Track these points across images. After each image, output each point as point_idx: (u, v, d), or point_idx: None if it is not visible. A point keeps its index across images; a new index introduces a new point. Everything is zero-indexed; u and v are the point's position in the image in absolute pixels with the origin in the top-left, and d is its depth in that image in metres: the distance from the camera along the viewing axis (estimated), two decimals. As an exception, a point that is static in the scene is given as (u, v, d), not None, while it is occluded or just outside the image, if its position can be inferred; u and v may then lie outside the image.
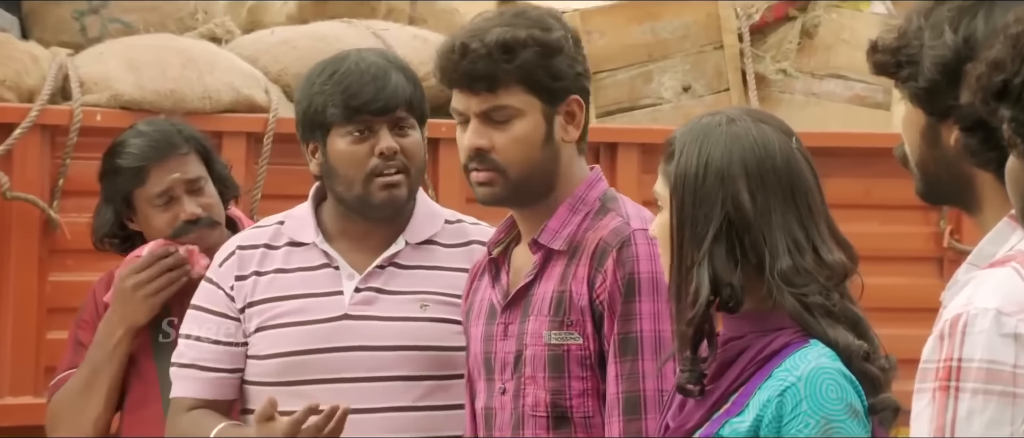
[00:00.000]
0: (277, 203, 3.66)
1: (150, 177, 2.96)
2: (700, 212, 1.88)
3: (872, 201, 3.93)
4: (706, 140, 1.91)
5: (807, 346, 1.87)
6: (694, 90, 4.10)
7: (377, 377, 2.46)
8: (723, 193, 1.88)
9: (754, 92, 4.11)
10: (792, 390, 1.83)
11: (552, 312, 2.19)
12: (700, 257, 1.87)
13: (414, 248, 2.53)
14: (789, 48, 4.19)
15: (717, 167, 1.89)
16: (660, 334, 2.12)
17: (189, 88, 3.61)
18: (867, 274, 2.01)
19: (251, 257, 2.54)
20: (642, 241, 2.14)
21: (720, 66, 4.11)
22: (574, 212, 2.23)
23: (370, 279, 2.50)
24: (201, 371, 2.55)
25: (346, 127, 2.47)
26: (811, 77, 4.23)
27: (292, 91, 3.86)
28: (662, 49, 4.07)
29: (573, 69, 2.24)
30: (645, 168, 3.75)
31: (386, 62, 2.51)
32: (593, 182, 2.27)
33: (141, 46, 3.69)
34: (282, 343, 2.49)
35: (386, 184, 2.47)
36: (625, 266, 2.13)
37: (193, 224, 2.94)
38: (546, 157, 2.23)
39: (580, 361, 2.16)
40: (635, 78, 4.08)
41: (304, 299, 2.49)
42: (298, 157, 3.87)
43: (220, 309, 2.55)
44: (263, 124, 3.65)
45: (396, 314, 2.48)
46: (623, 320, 2.13)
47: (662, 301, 2.11)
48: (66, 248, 3.49)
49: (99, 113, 3.53)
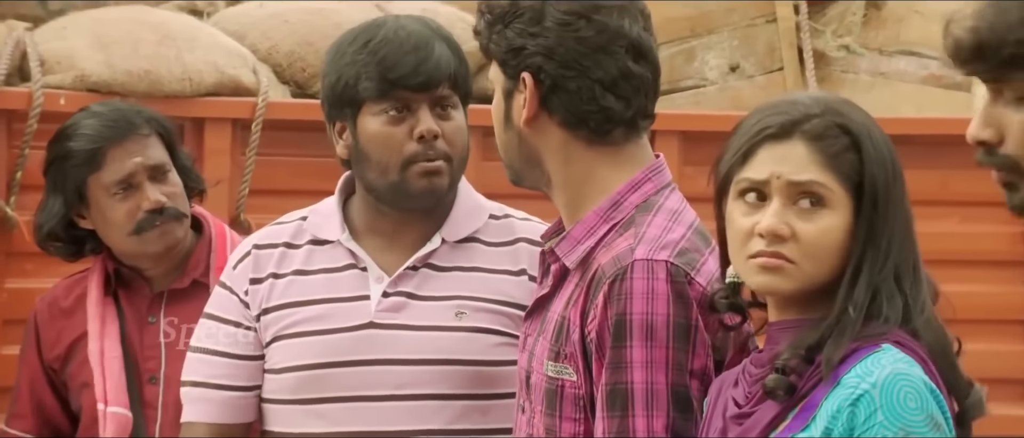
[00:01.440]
0: (266, 199, 3.66)
1: (107, 161, 2.89)
2: (892, 220, 1.87)
3: (950, 196, 3.89)
4: (876, 128, 1.90)
5: (879, 351, 1.84)
6: (743, 70, 4.06)
7: (404, 395, 2.40)
8: (905, 197, 1.90)
9: (812, 72, 4.07)
10: (866, 398, 1.81)
11: (553, 338, 2.11)
12: (884, 276, 1.86)
13: (453, 247, 2.47)
14: (853, 21, 4.15)
15: (900, 166, 1.89)
16: (654, 387, 2.00)
17: (166, 68, 3.59)
18: (944, 281, 1.98)
19: (268, 258, 2.49)
20: (640, 275, 2.02)
21: (773, 42, 4.07)
22: (605, 220, 2.12)
23: (400, 282, 2.44)
24: (214, 390, 2.49)
25: (381, 104, 2.41)
26: (879, 54, 4.19)
27: (283, 71, 3.87)
28: (706, 23, 4.03)
29: (518, 42, 2.12)
30: (687, 159, 3.70)
31: (429, 30, 2.45)
32: (638, 183, 2.13)
33: (111, 20, 3.66)
34: (299, 355, 2.43)
35: (425, 171, 2.41)
36: (616, 304, 2.01)
37: (157, 214, 2.88)
38: (512, 140, 2.17)
39: (574, 401, 2.08)
40: (675, 56, 4.04)
41: (326, 305, 2.44)
42: (291, 146, 3.92)
43: (234, 317, 2.49)
44: (251, 109, 3.62)
45: (428, 323, 2.42)
46: (611, 368, 2.02)
47: (658, 348, 2.00)
48: (25, 251, 3.44)
49: (63, 96, 3.50)
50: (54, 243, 2.96)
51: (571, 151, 2.13)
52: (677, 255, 2.03)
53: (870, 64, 4.18)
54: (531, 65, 2.11)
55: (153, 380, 2.88)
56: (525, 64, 2.11)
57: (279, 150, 3.68)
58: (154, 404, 2.87)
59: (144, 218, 2.87)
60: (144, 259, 2.93)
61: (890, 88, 4.19)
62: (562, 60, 2.10)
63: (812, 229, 1.87)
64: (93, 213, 2.92)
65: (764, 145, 1.89)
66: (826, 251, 1.87)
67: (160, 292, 2.94)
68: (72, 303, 2.96)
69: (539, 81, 2.11)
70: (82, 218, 2.94)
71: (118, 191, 2.88)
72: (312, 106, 3.87)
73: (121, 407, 2.84)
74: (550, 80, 2.11)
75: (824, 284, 1.89)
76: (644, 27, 2.14)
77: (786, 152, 1.88)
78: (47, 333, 2.96)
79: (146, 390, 2.89)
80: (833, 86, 4.10)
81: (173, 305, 2.91)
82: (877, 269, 1.87)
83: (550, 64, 2.10)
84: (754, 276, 1.89)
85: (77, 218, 2.94)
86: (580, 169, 2.13)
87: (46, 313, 2.97)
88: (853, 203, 1.88)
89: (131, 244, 2.90)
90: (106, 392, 2.85)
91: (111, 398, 2.85)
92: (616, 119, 2.11)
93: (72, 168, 2.90)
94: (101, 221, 2.92)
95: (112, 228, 2.90)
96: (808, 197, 1.88)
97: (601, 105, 2.10)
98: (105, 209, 2.90)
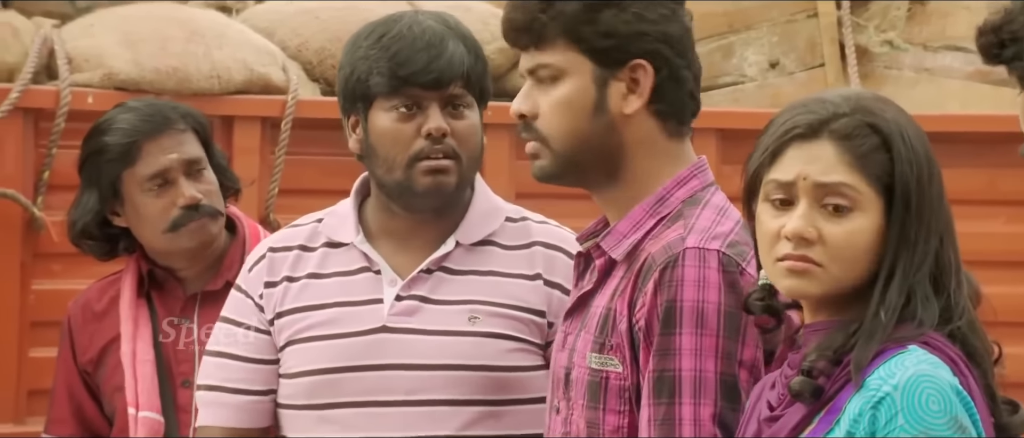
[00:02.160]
0: (296, 199, 3.66)
1: (141, 155, 2.89)
2: (927, 221, 1.84)
3: (997, 195, 3.85)
4: (911, 126, 1.87)
5: (904, 352, 1.83)
6: (783, 66, 4.04)
7: (417, 400, 2.40)
8: (944, 197, 1.87)
9: (854, 68, 4.04)
10: (887, 401, 1.79)
11: (597, 331, 2.11)
12: (919, 279, 1.83)
13: (468, 249, 2.47)
14: (897, 15, 4.13)
15: (937, 163, 1.86)
16: (702, 375, 2.01)
17: (194, 66, 3.59)
18: (989, 282, 1.96)
19: (283, 260, 2.50)
20: (692, 262, 2.03)
21: (814, 37, 4.06)
22: (651, 215, 2.12)
23: (414, 286, 2.44)
24: (229, 395, 2.49)
25: (391, 100, 2.41)
26: (923, 50, 4.16)
27: (313, 68, 3.87)
28: (745, 18, 4.02)
29: (633, 27, 2.13)
30: (725, 158, 3.67)
31: (445, 28, 2.44)
32: (685, 179, 2.14)
33: (139, 17, 3.67)
34: (311, 359, 2.44)
35: (431, 169, 2.41)
36: (666, 291, 2.02)
37: (193, 211, 2.88)
38: (596, 131, 2.14)
39: (618, 392, 2.08)
40: (713, 52, 4.03)
41: (339, 308, 2.44)
42: (321, 145, 3.92)
43: (249, 321, 2.49)
44: (280, 107, 3.63)
45: (440, 327, 2.42)
46: (659, 355, 2.03)
47: (708, 335, 2.00)
48: (52, 251, 3.46)
49: (90, 94, 3.51)
50: (87, 241, 2.95)
51: (655, 144, 2.13)
52: (728, 246, 2.03)
53: (914, 60, 4.16)
54: (650, 51, 2.09)
55: (187, 384, 2.88)
56: (641, 50, 2.10)
57: (309, 149, 3.68)
58: (188, 408, 2.86)
59: (179, 215, 2.87)
60: (178, 257, 2.92)
61: (935, 85, 4.16)
62: (678, 48, 2.10)
63: (840, 231, 1.85)
64: (127, 210, 2.91)
65: (792, 145, 1.87)
66: (855, 253, 1.85)
67: (194, 294, 2.93)
68: (105, 305, 2.96)
69: (656, 69, 2.10)
70: (116, 215, 2.93)
71: (152, 187, 2.88)
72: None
73: (153, 411, 2.84)
74: (667, 69, 2.10)
75: (856, 286, 1.87)
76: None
77: (814, 152, 1.86)
78: (80, 337, 2.95)
79: (180, 394, 2.89)
80: (876, 83, 4.08)
81: (207, 307, 2.90)
82: (912, 271, 1.84)
83: (669, 51, 2.10)
84: (782, 279, 1.88)
85: (111, 216, 2.93)
86: (657, 164, 2.13)
87: (79, 317, 2.96)
88: (884, 204, 1.85)
89: (165, 241, 2.89)
90: (137, 396, 2.85)
91: (143, 402, 2.85)
92: (695, 112, 2.15)
93: (106, 163, 2.90)
94: (135, 217, 2.91)
95: (146, 225, 2.89)
96: (835, 199, 1.85)
97: (694, 97, 2.14)
98: (139, 205, 2.89)
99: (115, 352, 2.91)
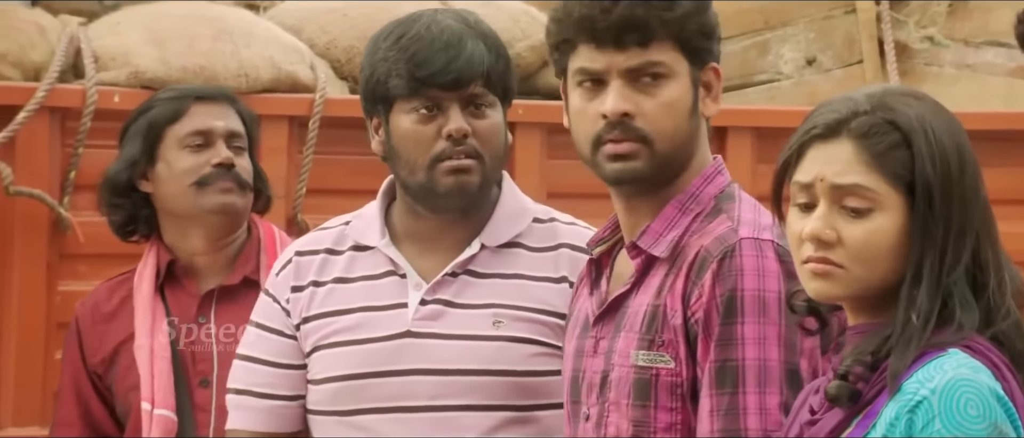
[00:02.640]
0: (324, 199, 3.66)
1: (188, 114, 2.96)
2: (960, 219, 1.82)
3: (1041, 195, 3.82)
4: (938, 120, 1.84)
5: (944, 355, 1.81)
6: (820, 63, 4.02)
7: (441, 406, 2.41)
8: (981, 192, 1.84)
9: (893, 65, 4.02)
10: (924, 405, 1.78)
11: (643, 329, 2.11)
12: (954, 278, 1.80)
13: (494, 252, 2.47)
14: (937, 11, 4.10)
15: (971, 160, 1.83)
16: (766, 364, 2.03)
17: (222, 64, 3.59)
18: None
19: (309, 265, 2.51)
20: (749, 252, 2.06)
21: (852, 34, 4.03)
22: (684, 212, 2.16)
23: (438, 289, 2.45)
24: (257, 399, 2.51)
25: (411, 102, 2.42)
26: (965, 45, 4.13)
27: (342, 67, 3.86)
28: (781, 14, 4.00)
29: (717, 31, 2.19)
30: (760, 156, 3.65)
31: (464, 27, 2.45)
32: (710, 176, 2.19)
33: (165, 15, 3.67)
34: (337, 365, 2.45)
35: (453, 169, 2.41)
36: (726, 281, 2.05)
37: (225, 170, 2.91)
38: (690, 132, 2.18)
39: (670, 389, 2.09)
40: (748, 49, 4.01)
41: (364, 313, 2.45)
42: (350, 145, 3.91)
43: (276, 325, 2.50)
44: (308, 106, 3.62)
45: (464, 331, 2.42)
46: (721, 345, 2.05)
47: (770, 324, 2.03)
48: (79, 252, 3.46)
49: (117, 93, 3.51)
50: (113, 199, 2.97)
51: (703, 145, 2.20)
52: (779, 236, 2.05)
53: (955, 56, 4.13)
54: (717, 54, 2.18)
55: (205, 383, 2.89)
56: (716, 52, 2.18)
57: (337, 148, 3.68)
58: (206, 407, 2.87)
59: (210, 172, 2.90)
60: (198, 229, 2.92)
61: (977, 81, 4.13)
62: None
63: (859, 232, 1.83)
64: (158, 171, 2.94)
65: (812, 146, 1.86)
66: (876, 254, 1.83)
67: (210, 291, 2.93)
68: (115, 306, 2.97)
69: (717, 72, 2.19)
70: (144, 179, 2.96)
71: (191, 143, 2.93)
72: (372, 103, 3.90)
73: (168, 409, 2.85)
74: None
75: (887, 287, 1.85)
76: None
77: (833, 153, 1.84)
78: (90, 338, 2.96)
79: (197, 393, 2.89)
80: (916, 80, 4.05)
81: (224, 304, 2.91)
82: (942, 271, 1.81)
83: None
84: (808, 282, 1.87)
85: (140, 180, 2.96)
86: (697, 163, 2.18)
87: (89, 318, 2.97)
88: (907, 202, 1.83)
89: (190, 198, 2.91)
90: (153, 392, 2.86)
91: (158, 399, 2.86)
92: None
93: (152, 118, 2.95)
94: (165, 173, 2.93)
95: (173, 181, 2.91)
96: (853, 201, 1.83)
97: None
98: (173, 161, 2.93)
99: (128, 351, 2.92)
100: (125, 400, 2.91)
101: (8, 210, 3.46)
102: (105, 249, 3.16)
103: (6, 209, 3.46)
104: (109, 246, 3.13)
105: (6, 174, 3.42)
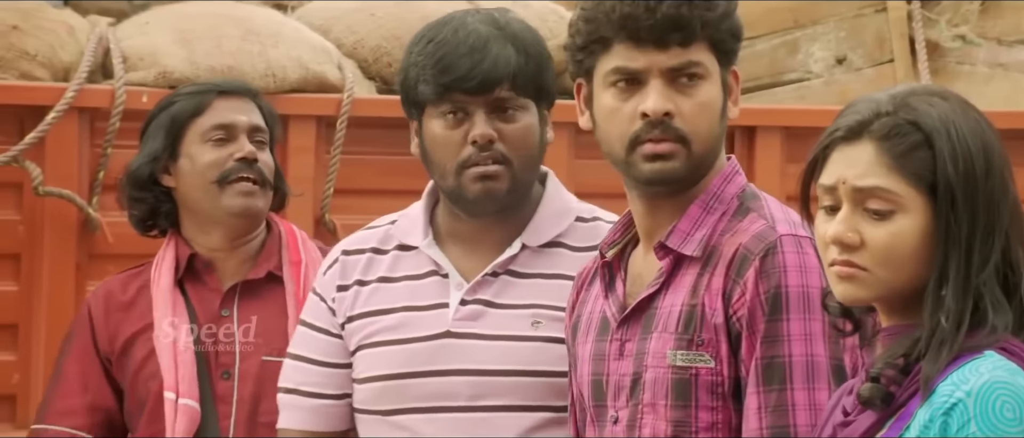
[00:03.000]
0: (351, 199, 3.67)
1: (211, 108, 2.95)
2: (986, 219, 1.81)
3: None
4: (963, 119, 1.83)
5: (979, 357, 1.80)
6: (850, 62, 4.01)
7: (480, 406, 2.42)
8: (1010, 191, 1.82)
9: (924, 64, 4.00)
10: (959, 408, 1.77)
11: (680, 329, 2.12)
12: (983, 279, 1.80)
13: (535, 252, 2.48)
14: (970, 9, 4.08)
15: (1000, 160, 1.82)
16: (813, 359, 2.04)
17: (249, 64, 3.61)
18: None
19: (355, 264, 2.53)
20: (791, 248, 2.08)
21: (882, 32, 4.01)
22: (708, 211, 2.17)
23: (479, 289, 2.46)
24: (305, 398, 2.54)
25: (439, 107, 2.44)
26: (997, 44, 4.11)
27: (369, 66, 3.87)
28: (810, 13, 3.98)
29: (743, 33, 2.22)
30: (790, 156, 3.65)
31: (492, 30, 2.45)
32: (729, 176, 2.21)
33: (193, 14, 3.69)
34: (379, 364, 2.47)
35: (480, 175, 2.43)
36: (770, 278, 2.07)
37: (247, 166, 2.92)
38: (720, 134, 2.20)
39: (710, 388, 2.10)
40: (778, 48, 4.00)
41: (406, 313, 2.47)
42: (377, 145, 3.92)
43: (323, 324, 2.53)
44: (336, 106, 3.63)
45: (503, 332, 2.44)
46: (767, 342, 2.06)
47: (815, 320, 2.04)
48: (107, 252, 3.49)
49: (145, 93, 3.53)
50: (135, 193, 2.97)
51: (722, 146, 2.22)
52: (812, 234, 2.04)
53: (988, 55, 4.11)
54: (736, 59, 2.19)
55: (226, 375, 2.89)
56: (736, 57, 2.19)
57: (365, 148, 3.69)
58: (227, 400, 2.89)
59: (232, 166, 2.91)
60: (217, 227, 2.93)
61: (1010, 80, 4.11)
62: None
63: (882, 235, 1.82)
64: (180, 165, 2.95)
65: (836, 148, 1.86)
66: (900, 256, 1.82)
67: (233, 286, 2.94)
68: (131, 297, 2.97)
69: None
70: (167, 173, 2.97)
71: (214, 137, 2.93)
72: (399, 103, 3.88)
73: (192, 400, 2.86)
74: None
75: (917, 289, 1.84)
76: None
77: (855, 155, 1.84)
78: (103, 327, 2.96)
79: (219, 386, 2.90)
80: (948, 79, 4.03)
81: (247, 298, 2.92)
82: (970, 273, 1.81)
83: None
84: (835, 285, 1.87)
85: (162, 174, 2.96)
86: (721, 163, 2.20)
87: (102, 306, 2.97)
88: (930, 203, 1.82)
89: (210, 197, 2.92)
90: (177, 382, 2.87)
91: (183, 389, 2.87)
92: None
93: (175, 112, 2.96)
94: (188, 168, 2.94)
95: (196, 177, 2.92)
96: (874, 203, 1.83)
97: None
98: (195, 155, 2.93)
99: (146, 341, 2.92)
100: (144, 388, 2.91)
101: (38, 210, 3.49)
102: (134, 249, 3.16)
103: (36, 209, 3.49)
104: (137, 246, 3.14)
105: (36, 175, 3.45)
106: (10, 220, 3.52)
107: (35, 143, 3.45)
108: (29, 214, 3.51)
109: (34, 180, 3.45)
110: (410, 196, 3.37)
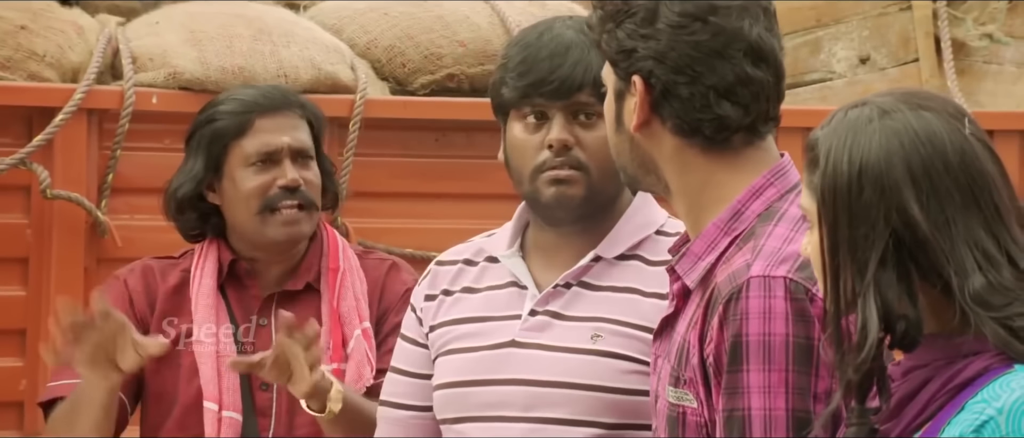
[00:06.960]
0: (364, 202, 3.71)
1: (253, 130, 2.95)
2: (858, 232, 1.82)
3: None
4: (856, 140, 1.83)
5: (1011, 372, 1.81)
6: (874, 61, 4.03)
7: (533, 417, 2.46)
8: (886, 206, 1.81)
9: (950, 63, 4.01)
10: (991, 425, 1.78)
11: (674, 362, 2.10)
12: (863, 287, 1.81)
13: (610, 264, 2.50)
14: (997, 8, 4.09)
15: (875, 174, 1.81)
16: (771, 413, 1.99)
17: (261, 64, 3.64)
18: None
19: (445, 274, 2.60)
20: (756, 293, 2.00)
21: (907, 31, 4.03)
22: (726, 233, 2.09)
23: (549, 300, 2.50)
24: (395, 409, 2.61)
25: (521, 110, 2.51)
26: (1025, 43, 4.14)
27: (382, 67, 3.90)
28: (833, 12, 4.00)
29: (626, 44, 2.11)
30: (813, 158, 3.68)
31: (578, 36, 2.48)
32: (760, 189, 2.11)
33: (204, 14, 3.72)
34: (448, 372, 2.53)
35: (553, 179, 2.47)
36: (731, 325, 2.00)
37: (290, 194, 2.94)
38: (617, 144, 2.17)
39: (696, 429, 2.07)
40: (799, 47, 4.01)
41: (482, 323, 2.53)
42: (390, 146, 3.95)
43: (412, 335, 2.60)
44: (349, 107, 3.67)
45: (564, 344, 2.47)
46: (727, 394, 2.01)
47: (776, 370, 1.98)
48: (116, 256, 3.51)
49: (155, 94, 3.57)
50: (182, 214, 2.98)
51: (686, 158, 2.12)
52: (798, 269, 2.00)
53: (1016, 54, 4.12)
54: (641, 69, 2.10)
55: (265, 387, 2.93)
56: (635, 67, 2.10)
57: (378, 150, 3.73)
58: (267, 412, 2.92)
59: (275, 194, 2.93)
60: (263, 249, 2.97)
61: (1038, 80, 4.14)
62: (674, 65, 2.08)
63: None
64: (224, 185, 2.97)
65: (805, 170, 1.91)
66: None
67: (271, 295, 2.98)
68: (171, 288, 2.97)
69: (649, 86, 2.09)
70: (211, 191, 2.99)
71: (256, 162, 2.95)
72: (412, 104, 3.94)
73: (235, 412, 2.90)
74: (661, 85, 2.09)
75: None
76: (766, 27, 2.11)
77: (809, 174, 1.89)
78: (142, 299, 2.96)
79: (258, 396, 2.94)
80: (974, 78, 4.05)
81: (285, 309, 2.90)
82: (855, 288, 1.82)
83: (661, 69, 2.08)
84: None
85: (207, 191, 2.98)
86: (697, 177, 2.12)
87: (141, 283, 2.96)
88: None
89: (255, 224, 2.94)
90: (221, 393, 2.90)
91: (226, 401, 2.90)
92: (733, 126, 2.10)
93: (217, 132, 2.97)
94: (232, 193, 2.96)
95: (240, 203, 2.95)
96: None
97: (715, 113, 2.09)
98: (238, 180, 2.95)
99: (182, 344, 2.93)
100: (185, 381, 2.92)
101: (46, 214, 3.53)
102: (142, 253, 3.17)
103: (44, 212, 3.53)
104: (146, 250, 3.19)
105: (43, 177, 3.48)
106: (18, 223, 3.56)
107: (43, 145, 3.48)
108: (37, 217, 3.54)
109: (42, 183, 3.48)
110: (424, 199, 3.44)
